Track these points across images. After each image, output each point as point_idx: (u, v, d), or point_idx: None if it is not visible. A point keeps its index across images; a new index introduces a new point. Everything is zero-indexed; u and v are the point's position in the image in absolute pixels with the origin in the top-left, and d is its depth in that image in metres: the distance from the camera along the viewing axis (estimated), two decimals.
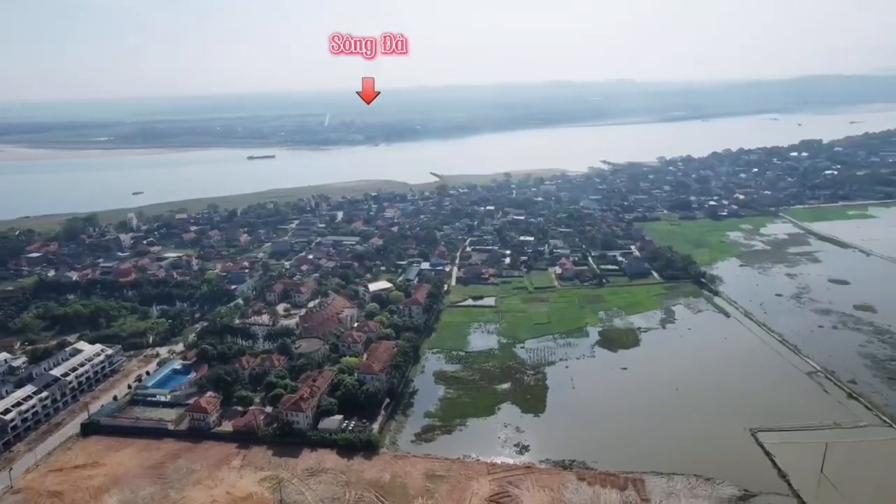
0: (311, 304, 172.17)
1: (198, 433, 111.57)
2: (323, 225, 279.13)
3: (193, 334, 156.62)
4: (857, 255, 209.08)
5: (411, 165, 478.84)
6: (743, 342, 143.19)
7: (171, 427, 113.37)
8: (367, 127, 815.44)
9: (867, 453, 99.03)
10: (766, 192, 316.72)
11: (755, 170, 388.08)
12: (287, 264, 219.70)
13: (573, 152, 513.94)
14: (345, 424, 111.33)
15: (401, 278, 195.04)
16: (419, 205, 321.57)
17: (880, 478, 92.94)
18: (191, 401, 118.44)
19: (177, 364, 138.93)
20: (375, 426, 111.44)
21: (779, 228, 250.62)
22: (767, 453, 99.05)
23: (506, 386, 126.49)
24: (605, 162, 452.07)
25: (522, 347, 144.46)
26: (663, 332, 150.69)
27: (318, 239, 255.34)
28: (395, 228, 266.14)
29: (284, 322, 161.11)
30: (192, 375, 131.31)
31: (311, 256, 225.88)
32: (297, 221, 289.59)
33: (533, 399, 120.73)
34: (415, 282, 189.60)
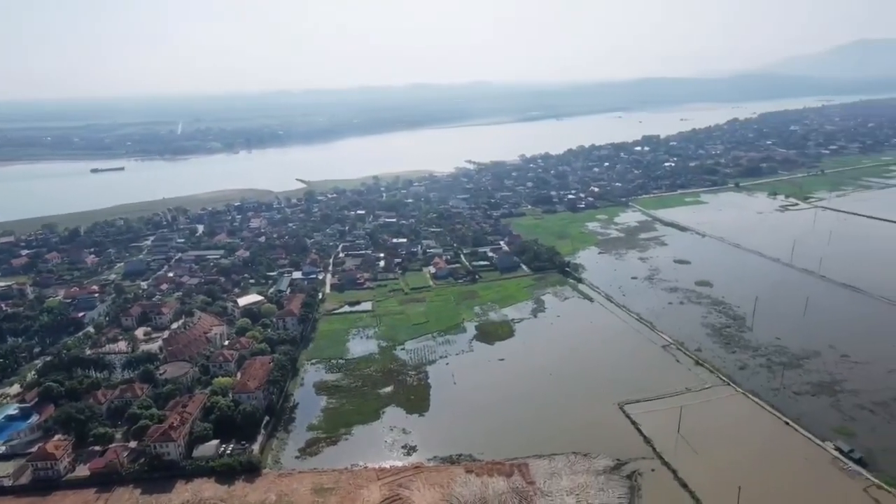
0: (174, 326, 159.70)
1: (45, 484, 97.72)
2: (182, 240, 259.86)
3: (33, 372, 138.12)
4: (694, 237, 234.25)
5: (276, 172, 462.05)
6: (606, 324, 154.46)
7: (7, 483, 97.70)
8: (225, 133, 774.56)
9: (712, 411, 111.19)
10: (617, 183, 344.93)
11: (606, 164, 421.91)
12: (144, 285, 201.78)
13: (439, 153, 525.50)
14: (222, 449, 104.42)
15: (272, 290, 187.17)
16: (287, 213, 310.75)
17: (723, 430, 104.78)
18: (34, 448, 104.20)
19: (12, 409, 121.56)
20: (256, 447, 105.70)
21: (630, 217, 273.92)
22: (634, 423, 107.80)
23: (389, 389, 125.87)
24: (470, 162, 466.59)
25: (403, 349, 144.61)
26: (535, 322, 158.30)
27: (178, 255, 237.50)
28: (262, 239, 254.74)
29: (145, 347, 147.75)
30: (35, 419, 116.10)
31: (171, 274, 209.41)
32: (152, 238, 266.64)
33: (417, 399, 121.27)
34: (287, 292, 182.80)
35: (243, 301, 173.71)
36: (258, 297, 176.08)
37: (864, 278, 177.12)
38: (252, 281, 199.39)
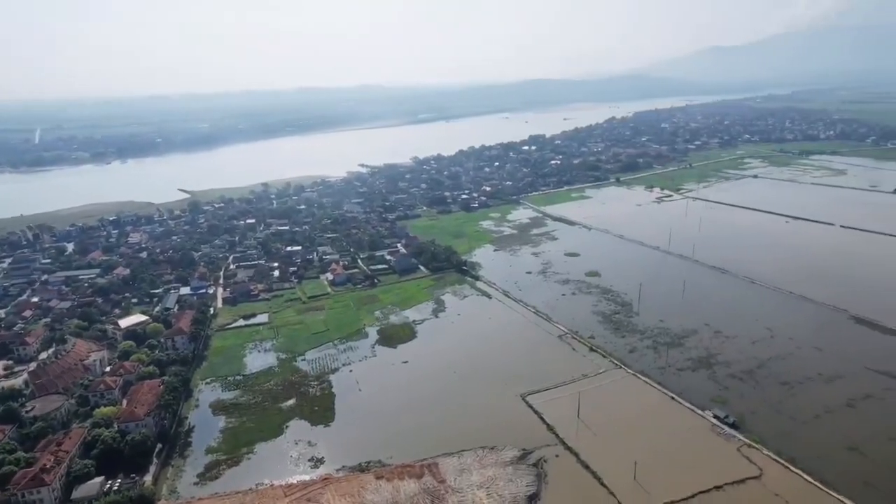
0: (43, 356, 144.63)
1: None
2: (48, 260, 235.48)
3: None
4: (582, 231, 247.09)
5: (155, 183, 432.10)
6: (505, 319, 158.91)
7: None
8: (93, 142, 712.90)
9: (607, 393, 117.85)
10: (508, 182, 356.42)
11: (497, 163, 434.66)
12: (2, 313, 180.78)
13: (331, 158, 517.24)
14: (108, 486, 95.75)
15: (158, 308, 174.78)
16: (169, 225, 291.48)
17: (618, 410, 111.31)
18: None
19: None
20: (149, 478, 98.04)
21: (522, 214, 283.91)
22: (537, 413, 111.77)
23: (291, 402, 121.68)
24: (363, 165, 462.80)
25: (303, 359, 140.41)
26: (436, 322, 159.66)
27: (44, 277, 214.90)
28: (143, 254, 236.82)
29: (6, 383, 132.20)
30: None
31: (35, 299, 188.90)
32: (9, 260, 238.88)
33: (321, 409, 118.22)
34: (175, 310, 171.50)
35: (126, 322, 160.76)
36: (142, 317, 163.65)
37: (730, 260, 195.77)
38: (135, 300, 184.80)
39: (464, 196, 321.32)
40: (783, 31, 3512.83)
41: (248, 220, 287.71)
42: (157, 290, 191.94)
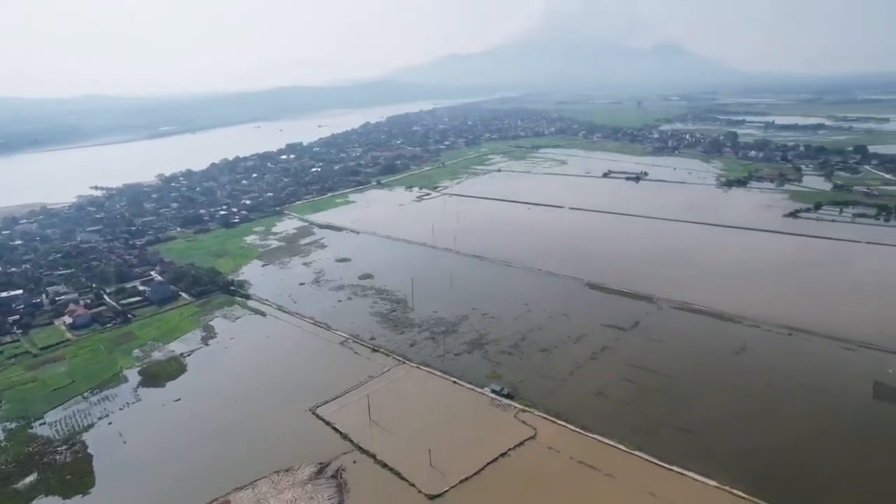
0: None
1: None
2: None
3: None
4: (351, 235, 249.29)
5: None
6: (283, 334, 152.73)
7: None
8: None
9: (395, 390, 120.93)
10: (269, 193, 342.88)
11: (255, 175, 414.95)
12: None
13: (52, 181, 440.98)
14: None
15: None
16: None
17: (407, 404, 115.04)
18: None
19: None
20: None
21: (288, 225, 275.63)
22: (329, 424, 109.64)
23: (31, 479, 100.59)
24: (97, 188, 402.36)
25: (43, 423, 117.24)
26: (208, 350, 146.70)
27: None
28: None
29: None
30: None
31: None
32: None
33: (75, 477, 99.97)
34: None
35: None
36: None
37: (487, 247, 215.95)
38: None
39: (222, 212, 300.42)
40: (508, 42, 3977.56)
41: None
42: None
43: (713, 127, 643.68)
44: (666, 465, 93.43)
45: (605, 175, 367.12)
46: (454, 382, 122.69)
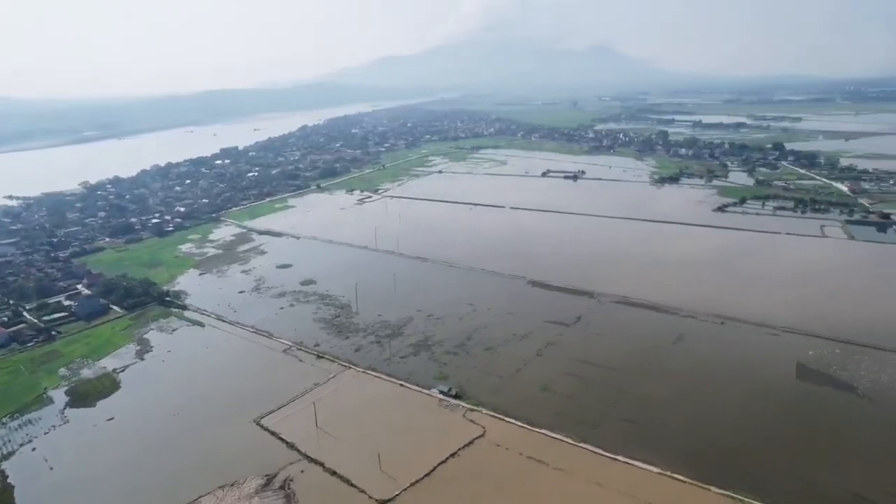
0: None
1: None
2: None
3: None
4: (291, 241, 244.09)
5: None
6: (224, 345, 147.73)
7: None
8: None
9: (342, 396, 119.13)
10: (204, 200, 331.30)
11: (188, 181, 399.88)
12: None
13: None
14: None
15: None
16: None
17: (354, 410, 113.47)
18: None
19: None
20: None
21: (225, 232, 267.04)
22: (274, 434, 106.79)
23: None
24: (11, 197, 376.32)
25: None
26: (144, 364, 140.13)
27: None
28: None
29: None
30: None
31: None
32: None
33: None
34: None
35: None
36: None
37: (430, 249, 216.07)
38: None
39: (155, 220, 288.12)
40: (446, 44, 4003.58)
41: None
42: None
43: (645, 126, 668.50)
44: (611, 456, 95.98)
45: (545, 174, 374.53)
46: (401, 385, 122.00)
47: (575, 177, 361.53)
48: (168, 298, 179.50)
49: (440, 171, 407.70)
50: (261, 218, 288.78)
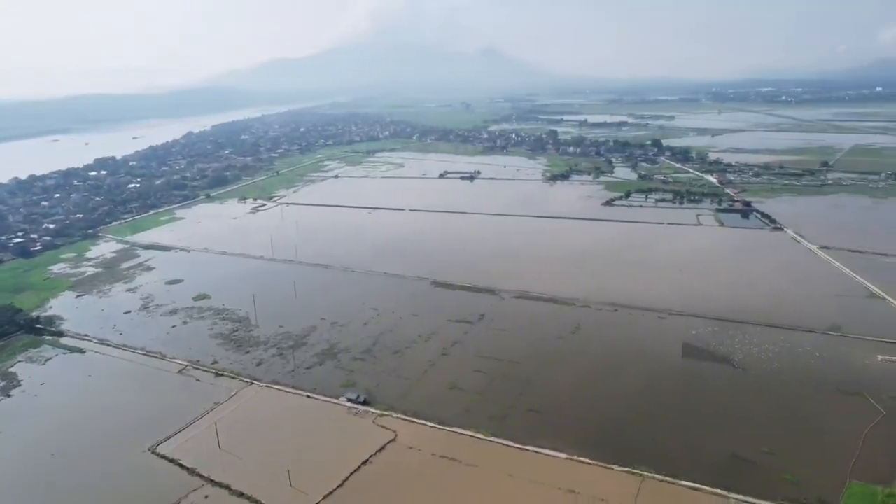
0: None
1: None
2: None
3: None
4: (181, 255, 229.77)
5: None
6: (109, 371, 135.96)
7: None
8: None
9: (245, 414, 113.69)
10: (79, 215, 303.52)
11: (58, 195, 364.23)
12: None
13: None
14: None
15: None
16: None
17: (260, 427, 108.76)
18: None
19: None
20: None
21: (105, 248, 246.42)
22: (173, 461, 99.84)
23: None
24: None
25: None
26: (11, 402, 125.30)
27: None
28: None
29: None
30: None
31: None
32: None
33: None
34: None
35: None
36: None
37: (330, 255, 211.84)
38: None
39: (18, 240, 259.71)
40: (337, 47, 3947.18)
41: None
42: None
43: (536, 126, 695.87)
44: (520, 447, 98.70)
45: (442, 175, 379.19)
46: (308, 397, 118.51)
47: (471, 177, 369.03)
48: (39, 325, 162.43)
49: (336, 176, 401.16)
50: (146, 232, 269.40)
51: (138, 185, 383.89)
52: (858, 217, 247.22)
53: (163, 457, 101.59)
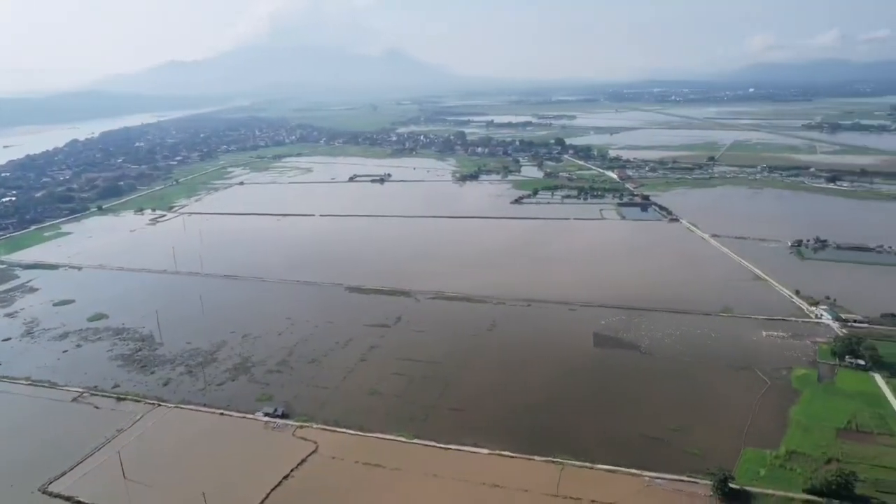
0: None
1: None
2: None
3: None
4: (71, 272, 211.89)
5: None
6: None
7: None
8: None
9: (153, 438, 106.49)
10: None
11: None
12: None
13: None
14: None
15: None
16: None
17: (169, 452, 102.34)
18: None
19: None
20: None
21: None
22: (69, 499, 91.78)
23: None
24: None
25: None
26: None
27: None
28: None
29: None
30: None
31: None
32: None
33: None
34: None
35: None
36: None
37: (239, 265, 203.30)
38: None
39: None
40: (235, 49, 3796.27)
41: None
42: None
43: (444, 128, 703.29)
44: (443, 446, 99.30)
45: (352, 179, 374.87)
46: (221, 414, 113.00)
47: (382, 180, 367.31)
48: None
49: (241, 183, 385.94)
50: (26, 250, 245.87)
51: (14, 198, 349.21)
52: (741, 206, 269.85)
53: (57, 495, 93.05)
